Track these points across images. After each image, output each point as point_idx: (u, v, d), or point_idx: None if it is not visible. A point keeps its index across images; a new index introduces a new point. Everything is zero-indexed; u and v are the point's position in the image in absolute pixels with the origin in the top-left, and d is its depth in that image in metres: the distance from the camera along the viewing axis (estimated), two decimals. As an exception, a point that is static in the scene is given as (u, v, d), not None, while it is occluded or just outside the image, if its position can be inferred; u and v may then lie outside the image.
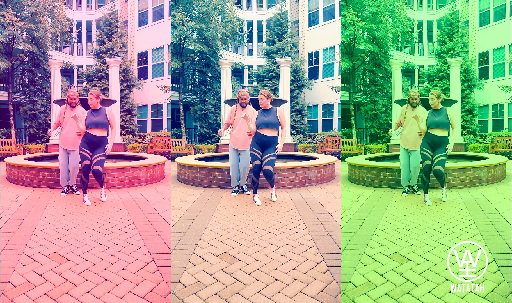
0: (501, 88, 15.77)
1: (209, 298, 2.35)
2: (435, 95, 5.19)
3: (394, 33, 15.54)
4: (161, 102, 17.99)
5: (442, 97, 5.25)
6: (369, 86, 16.93)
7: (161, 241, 3.50)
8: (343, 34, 14.70)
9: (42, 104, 16.47)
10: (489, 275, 2.65)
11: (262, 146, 5.36)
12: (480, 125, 17.54)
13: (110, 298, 2.36)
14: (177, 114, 18.03)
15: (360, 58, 16.37)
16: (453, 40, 17.31)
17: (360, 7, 14.85)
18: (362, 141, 17.51)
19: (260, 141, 5.35)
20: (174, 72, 16.30)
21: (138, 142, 16.47)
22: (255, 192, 5.35)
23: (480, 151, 13.73)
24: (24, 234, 3.69)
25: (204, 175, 6.81)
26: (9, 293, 2.42)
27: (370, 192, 6.18)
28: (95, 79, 17.41)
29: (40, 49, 15.80)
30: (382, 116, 16.68)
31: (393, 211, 4.73)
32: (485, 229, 3.80)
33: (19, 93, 16.81)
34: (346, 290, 2.47)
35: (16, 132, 16.65)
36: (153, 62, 18.70)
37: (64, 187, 6.04)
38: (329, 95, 17.32)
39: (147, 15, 18.94)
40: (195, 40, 15.89)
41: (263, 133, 5.33)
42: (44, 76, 16.66)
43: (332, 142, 14.57)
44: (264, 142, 5.34)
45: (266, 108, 5.39)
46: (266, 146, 5.35)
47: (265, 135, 5.33)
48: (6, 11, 14.35)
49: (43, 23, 15.37)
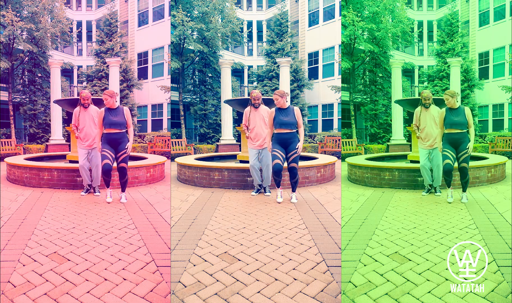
0: (501, 88, 15.77)
1: (209, 298, 2.35)
2: (450, 94, 5.16)
3: (394, 33, 15.54)
4: (161, 102, 17.99)
5: (457, 96, 5.24)
6: (369, 86, 16.94)
7: (161, 241, 3.50)
8: (343, 34, 14.70)
9: (42, 104, 16.48)
10: (489, 275, 2.65)
11: (284, 145, 5.33)
12: (480, 125, 17.55)
13: (110, 298, 2.36)
14: (177, 114, 18.03)
15: (360, 58, 16.37)
16: (453, 40, 17.31)
17: (360, 7, 14.85)
18: (362, 141, 17.51)
19: (281, 140, 5.32)
20: (174, 72, 16.30)
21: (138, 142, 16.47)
22: (278, 186, 5.44)
23: (480, 151, 13.74)
24: (24, 234, 3.69)
25: (204, 175, 6.81)
26: (9, 293, 2.42)
27: (370, 192, 6.18)
28: (95, 79, 17.42)
29: (40, 49, 15.81)
30: (382, 116, 16.68)
31: (393, 211, 4.73)
32: (485, 229, 3.80)
33: (19, 93, 16.82)
34: (346, 290, 2.47)
35: (16, 132, 16.65)
36: (153, 62, 18.71)
37: (85, 186, 6.05)
38: (329, 95, 17.32)
39: (147, 15, 18.94)
40: (195, 40, 15.89)
41: (283, 131, 5.30)
42: (44, 76, 16.66)
43: (332, 142, 14.57)
44: (286, 140, 5.31)
45: (284, 107, 5.35)
46: (288, 144, 5.33)
47: (286, 132, 5.29)
48: (6, 11, 14.35)
49: (43, 23, 15.37)
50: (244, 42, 21.21)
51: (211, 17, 15.79)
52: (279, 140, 5.32)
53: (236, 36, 18.04)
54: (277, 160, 5.26)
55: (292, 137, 5.30)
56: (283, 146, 5.33)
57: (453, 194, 5.55)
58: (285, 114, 5.29)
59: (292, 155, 5.28)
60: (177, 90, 16.92)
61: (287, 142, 5.30)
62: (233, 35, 17.59)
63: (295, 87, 17.21)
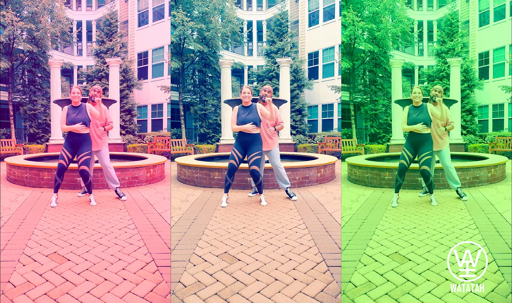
0: (501, 88, 15.77)
1: (209, 298, 2.35)
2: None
3: (394, 33, 15.54)
4: (161, 102, 17.99)
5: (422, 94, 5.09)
6: (369, 86, 16.94)
7: (161, 241, 3.50)
8: (343, 34, 14.70)
9: (42, 104, 16.48)
10: (489, 275, 2.65)
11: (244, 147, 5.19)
12: (480, 125, 17.54)
13: (110, 298, 2.36)
14: (177, 114, 18.03)
15: (360, 58, 16.37)
16: (453, 40, 17.31)
17: (360, 7, 14.85)
18: (362, 141, 17.51)
19: (242, 142, 5.17)
20: (174, 72, 16.30)
21: (138, 142, 16.47)
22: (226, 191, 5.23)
23: (480, 151, 13.73)
24: (24, 234, 3.69)
25: (204, 175, 6.81)
26: (9, 293, 2.42)
27: (370, 192, 6.18)
28: (95, 79, 17.41)
29: (40, 49, 15.80)
30: (382, 116, 16.68)
31: (393, 211, 4.73)
32: (485, 229, 3.80)
33: (19, 93, 16.82)
34: (346, 290, 2.47)
35: (16, 132, 16.66)
36: (153, 62, 18.70)
37: (83, 187, 5.94)
38: (329, 95, 17.32)
39: (147, 15, 18.94)
40: (195, 40, 15.89)
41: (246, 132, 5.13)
42: (44, 76, 16.66)
43: (332, 142, 14.57)
44: (247, 141, 5.16)
45: (247, 104, 5.17)
46: (249, 146, 5.18)
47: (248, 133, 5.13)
48: (6, 11, 14.35)
49: (43, 23, 15.37)
50: (244, 42, 21.21)
51: (211, 17, 15.79)
52: (241, 141, 5.17)
53: (236, 36, 18.03)
54: (232, 160, 5.13)
55: (255, 138, 5.14)
56: (243, 147, 5.18)
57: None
58: (248, 111, 5.11)
59: (253, 157, 5.09)
60: (177, 90, 16.92)
61: (248, 143, 5.14)
62: (233, 35, 17.59)
63: (295, 87, 17.21)
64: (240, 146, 5.18)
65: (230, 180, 5.15)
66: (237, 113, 5.18)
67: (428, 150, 4.98)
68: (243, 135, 5.15)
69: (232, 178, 5.15)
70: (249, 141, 5.13)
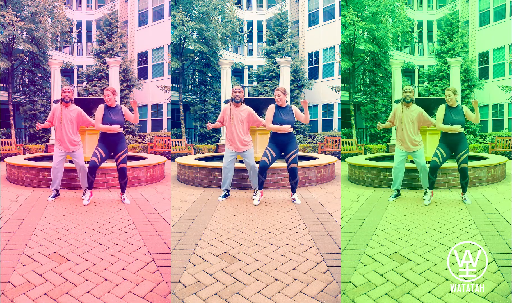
0: (501, 88, 15.77)
1: (209, 298, 2.35)
2: (452, 91, 5.10)
3: (394, 33, 15.54)
4: (161, 102, 17.99)
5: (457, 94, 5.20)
6: (369, 86, 16.93)
7: (161, 241, 3.50)
8: (343, 34, 14.70)
9: (42, 104, 16.47)
10: (489, 275, 2.65)
11: (280, 147, 5.29)
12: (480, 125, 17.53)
13: (110, 298, 2.36)
14: (177, 114, 18.02)
15: (360, 58, 16.37)
16: (453, 40, 17.31)
17: (360, 7, 14.84)
18: (362, 141, 17.51)
19: (278, 141, 5.27)
20: (174, 72, 16.30)
21: (138, 142, 16.46)
22: (260, 188, 5.36)
23: (480, 151, 13.73)
24: (24, 234, 3.69)
25: (204, 175, 6.81)
26: (9, 293, 2.42)
27: (370, 192, 6.18)
28: (95, 79, 17.41)
29: (40, 49, 15.80)
30: (382, 116, 16.68)
31: (393, 211, 4.73)
32: (485, 229, 3.80)
33: (19, 93, 16.81)
34: (346, 290, 2.47)
35: (16, 132, 16.65)
36: (153, 62, 18.70)
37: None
38: (329, 95, 17.32)
39: (147, 15, 18.93)
40: (195, 40, 15.88)
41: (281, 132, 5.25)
42: (44, 76, 16.65)
43: (332, 142, 14.56)
44: (283, 141, 5.27)
45: (283, 105, 5.29)
46: (285, 145, 5.29)
47: (283, 133, 5.25)
48: (6, 11, 14.35)
49: (43, 23, 15.37)
50: (244, 42, 21.20)
51: (211, 17, 15.79)
52: (276, 141, 5.28)
53: (236, 36, 18.03)
54: (265, 157, 5.22)
55: (290, 138, 5.28)
56: (279, 147, 5.30)
57: (432, 199, 5.32)
58: (285, 113, 5.26)
59: (292, 156, 5.26)
60: (177, 90, 16.92)
61: (284, 143, 5.26)
62: (233, 35, 17.59)
63: (295, 87, 17.21)
64: (275, 146, 5.31)
65: (263, 178, 5.30)
66: (273, 113, 5.28)
67: (465, 148, 5.18)
68: (279, 135, 5.28)
69: (265, 176, 5.31)
70: (285, 140, 5.27)
